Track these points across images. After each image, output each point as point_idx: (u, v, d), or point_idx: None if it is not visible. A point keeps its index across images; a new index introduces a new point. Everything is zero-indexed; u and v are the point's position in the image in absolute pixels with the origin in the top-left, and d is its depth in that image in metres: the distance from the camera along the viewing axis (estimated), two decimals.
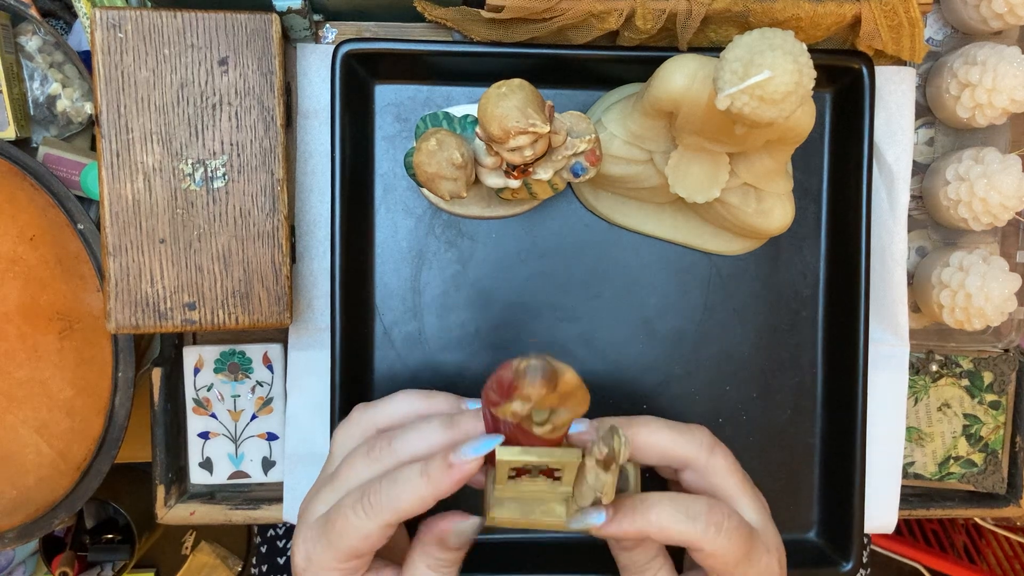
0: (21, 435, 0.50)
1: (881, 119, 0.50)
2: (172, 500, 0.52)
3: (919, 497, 0.56)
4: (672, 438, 0.39)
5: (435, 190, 0.41)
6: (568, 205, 0.50)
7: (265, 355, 0.52)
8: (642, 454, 0.39)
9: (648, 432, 0.38)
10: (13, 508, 0.51)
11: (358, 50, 0.46)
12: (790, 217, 0.46)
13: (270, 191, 0.44)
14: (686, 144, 0.43)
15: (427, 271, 0.50)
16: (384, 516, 0.35)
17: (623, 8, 0.44)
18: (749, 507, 0.39)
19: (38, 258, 0.49)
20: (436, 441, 0.37)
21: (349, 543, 0.35)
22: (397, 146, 0.49)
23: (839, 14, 0.44)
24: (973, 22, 0.50)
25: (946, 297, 0.49)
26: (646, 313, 0.50)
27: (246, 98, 0.43)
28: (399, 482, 0.35)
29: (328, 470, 0.40)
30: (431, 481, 0.34)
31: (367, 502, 0.35)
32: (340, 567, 0.36)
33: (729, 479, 0.39)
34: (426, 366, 0.50)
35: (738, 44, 0.35)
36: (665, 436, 0.39)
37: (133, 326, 0.43)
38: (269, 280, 0.44)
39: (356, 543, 0.35)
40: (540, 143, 0.40)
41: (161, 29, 0.42)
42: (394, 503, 0.35)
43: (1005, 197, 0.48)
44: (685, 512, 0.36)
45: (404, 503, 0.34)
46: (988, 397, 0.55)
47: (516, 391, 0.30)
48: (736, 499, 0.39)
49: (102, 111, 0.42)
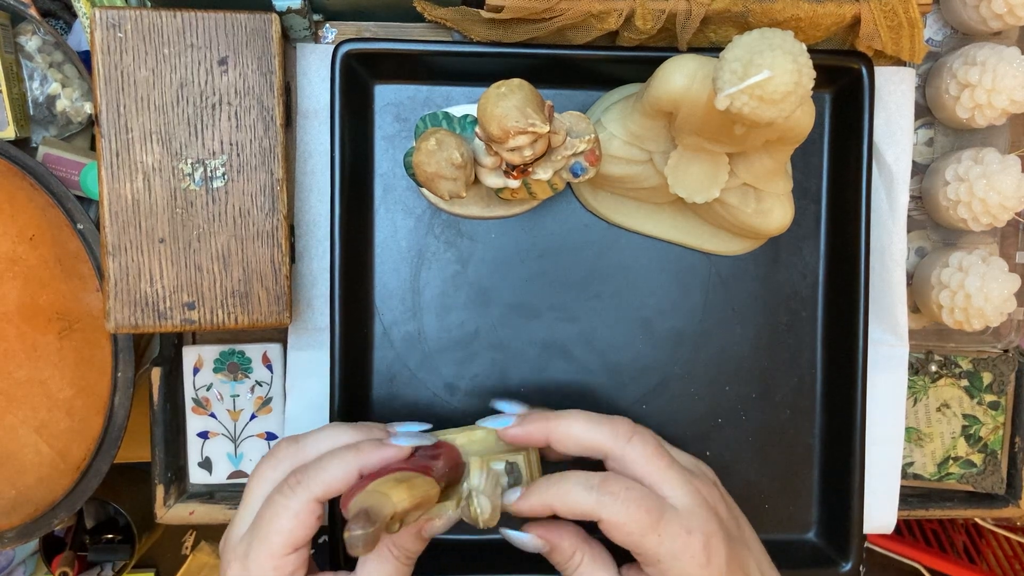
0: (21, 435, 0.50)
1: (881, 119, 0.50)
2: (171, 500, 0.52)
3: (918, 497, 0.56)
4: (587, 428, 0.39)
5: (434, 190, 0.41)
6: (568, 205, 0.50)
7: (264, 355, 0.52)
8: (562, 446, 0.40)
9: (567, 425, 0.40)
10: (13, 508, 0.51)
11: (358, 50, 0.46)
12: (789, 217, 0.46)
13: (270, 191, 0.44)
14: (685, 144, 0.43)
15: (426, 271, 0.50)
16: (312, 490, 0.36)
17: (623, 8, 0.44)
18: (674, 490, 0.38)
19: (38, 258, 0.49)
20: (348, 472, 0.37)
21: (280, 526, 0.35)
22: (397, 146, 0.49)
23: (839, 14, 0.44)
24: (973, 22, 0.50)
25: (945, 297, 0.49)
26: (645, 313, 0.50)
27: (246, 98, 0.43)
28: (325, 459, 0.37)
29: (247, 507, 0.38)
30: (359, 455, 0.37)
31: (293, 482, 0.36)
32: (278, 563, 0.36)
33: (648, 465, 0.39)
34: (425, 366, 0.50)
35: (737, 44, 0.35)
36: (581, 427, 0.39)
37: (132, 326, 0.43)
38: (268, 280, 0.44)
39: (288, 525, 0.35)
40: (539, 143, 0.40)
41: (161, 29, 0.42)
42: (322, 475, 0.36)
43: (1004, 197, 0.48)
44: (584, 484, 0.37)
45: (333, 476, 0.36)
46: (987, 397, 0.55)
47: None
48: (659, 484, 0.38)
49: (102, 111, 0.42)
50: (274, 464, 0.38)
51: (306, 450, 0.39)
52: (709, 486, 0.41)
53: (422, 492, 0.35)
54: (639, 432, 0.40)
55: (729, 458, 0.51)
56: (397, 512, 0.34)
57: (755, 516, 0.51)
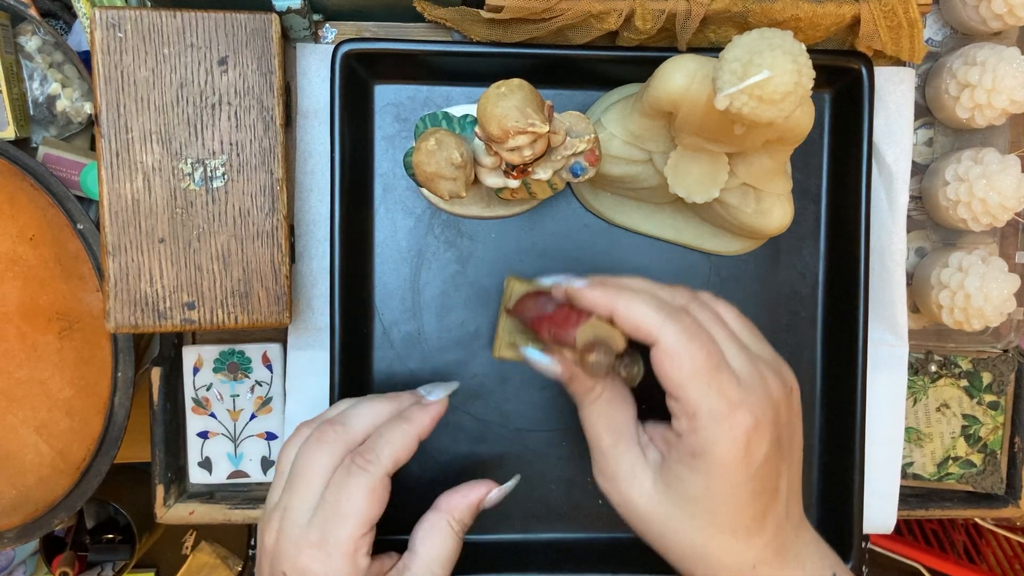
0: (21, 435, 0.50)
1: (880, 119, 0.50)
2: (171, 500, 0.52)
3: (918, 497, 0.56)
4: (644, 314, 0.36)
5: (434, 190, 0.41)
6: (567, 205, 0.50)
7: (264, 355, 0.52)
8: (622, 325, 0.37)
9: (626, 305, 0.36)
10: (13, 508, 0.51)
11: (358, 50, 0.46)
12: (789, 217, 0.46)
13: (269, 191, 0.44)
14: (685, 144, 0.43)
15: (426, 271, 0.50)
16: (385, 464, 0.36)
17: (622, 8, 0.44)
18: (736, 360, 0.36)
19: (38, 258, 0.49)
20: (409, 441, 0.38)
21: (358, 506, 0.36)
22: (397, 146, 0.49)
23: (838, 15, 0.44)
24: (972, 23, 0.50)
25: (945, 297, 0.49)
26: None
27: (245, 98, 0.43)
28: (385, 434, 0.37)
29: (303, 495, 0.37)
30: (412, 423, 0.38)
31: (362, 461, 0.36)
32: (358, 543, 0.36)
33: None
34: (425, 366, 0.50)
35: (737, 44, 0.35)
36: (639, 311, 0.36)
37: (132, 325, 0.43)
38: (268, 280, 0.44)
39: (364, 504, 0.36)
40: (539, 143, 0.40)
41: (161, 29, 0.42)
42: (389, 449, 0.37)
43: (1004, 197, 0.48)
44: (655, 301, 0.36)
45: (398, 447, 0.37)
46: (987, 398, 0.55)
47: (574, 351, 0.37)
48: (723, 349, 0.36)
49: (102, 111, 0.42)
50: (326, 448, 0.37)
51: (354, 429, 0.38)
52: (779, 382, 0.37)
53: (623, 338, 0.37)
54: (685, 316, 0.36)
55: None
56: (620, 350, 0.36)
57: None
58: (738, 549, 0.36)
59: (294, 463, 0.38)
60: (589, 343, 0.36)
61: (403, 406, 0.40)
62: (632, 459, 0.38)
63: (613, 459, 0.38)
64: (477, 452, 0.50)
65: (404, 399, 0.40)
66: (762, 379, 0.36)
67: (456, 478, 0.49)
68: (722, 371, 0.35)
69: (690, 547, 0.37)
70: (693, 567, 0.37)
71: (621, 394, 0.39)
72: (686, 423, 0.35)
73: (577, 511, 0.50)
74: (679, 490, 0.36)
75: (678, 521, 0.36)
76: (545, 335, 0.39)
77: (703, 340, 0.35)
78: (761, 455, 0.35)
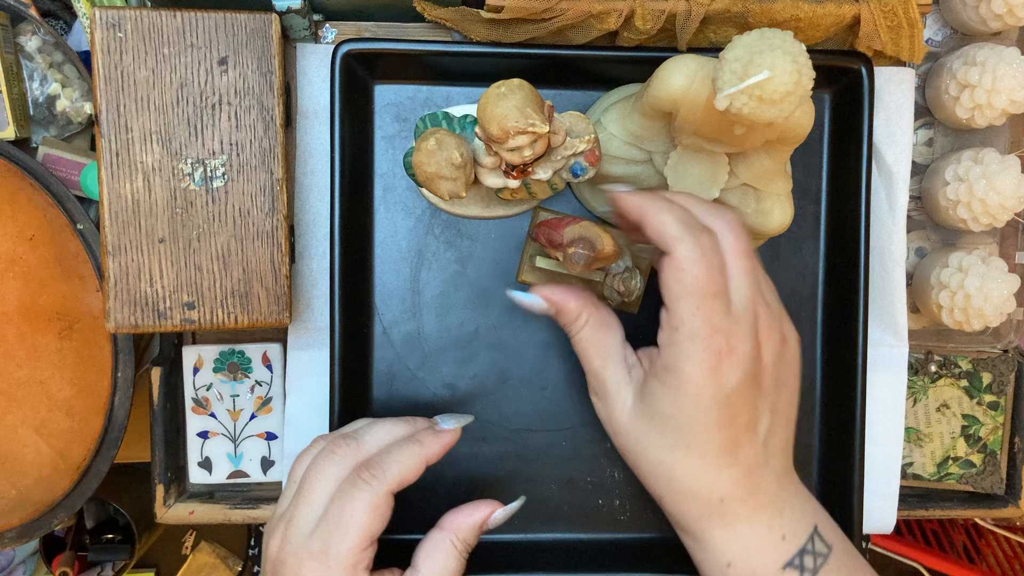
0: (20, 435, 0.50)
1: (880, 120, 0.50)
2: (171, 500, 0.52)
3: (918, 498, 0.56)
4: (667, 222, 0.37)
5: (434, 190, 0.41)
6: (568, 205, 0.50)
7: (264, 355, 0.52)
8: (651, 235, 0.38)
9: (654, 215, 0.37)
10: (13, 508, 0.51)
11: (357, 50, 0.46)
12: (789, 217, 0.46)
13: (269, 191, 0.44)
14: (685, 144, 0.43)
15: (426, 271, 0.50)
16: (389, 482, 0.37)
17: (622, 8, 0.44)
18: (738, 291, 0.37)
19: (38, 258, 0.49)
20: (417, 462, 0.38)
21: (360, 520, 0.36)
22: (396, 146, 0.49)
23: (838, 15, 0.44)
24: (972, 23, 0.50)
25: (945, 298, 0.49)
26: (645, 313, 0.50)
27: (245, 98, 0.43)
28: (393, 452, 0.37)
29: (309, 505, 0.37)
30: (423, 445, 0.38)
31: (367, 475, 0.36)
32: (358, 557, 0.36)
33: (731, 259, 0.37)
34: (425, 366, 0.50)
35: (737, 44, 0.35)
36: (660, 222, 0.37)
37: (132, 326, 0.43)
38: (268, 280, 0.44)
39: (367, 518, 0.36)
40: (539, 143, 0.40)
41: (161, 29, 0.42)
42: (396, 467, 0.37)
43: (1004, 198, 0.48)
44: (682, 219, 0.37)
45: (405, 467, 0.37)
46: (987, 398, 0.55)
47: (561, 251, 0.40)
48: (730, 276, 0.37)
49: (102, 111, 0.42)
50: (335, 461, 0.38)
51: (366, 446, 0.39)
52: (772, 327, 0.38)
53: (614, 244, 0.40)
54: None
55: None
56: (604, 251, 0.39)
57: None
58: (706, 476, 0.37)
59: (304, 474, 0.38)
60: (573, 239, 0.39)
61: (417, 429, 0.40)
62: (618, 377, 0.40)
63: (602, 378, 0.40)
64: (477, 452, 0.50)
65: (419, 423, 0.41)
66: (755, 318, 0.37)
67: (455, 478, 0.50)
68: (718, 298, 0.36)
69: (660, 464, 0.38)
70: (661, 489, 0.38)
71: (606, 320, 0.40)
72: (667, 336, 0.37)
73: (577, 511, 0.50)
74: (653, 405, 0.37)
75: (650, 437, 0.38)
76: (542, 239, 0.43)
77: (711, 264, 0.36)
78: (732, 383, 0.36)
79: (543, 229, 0.44)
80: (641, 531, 0.51)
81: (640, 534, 0.51)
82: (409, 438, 0.39)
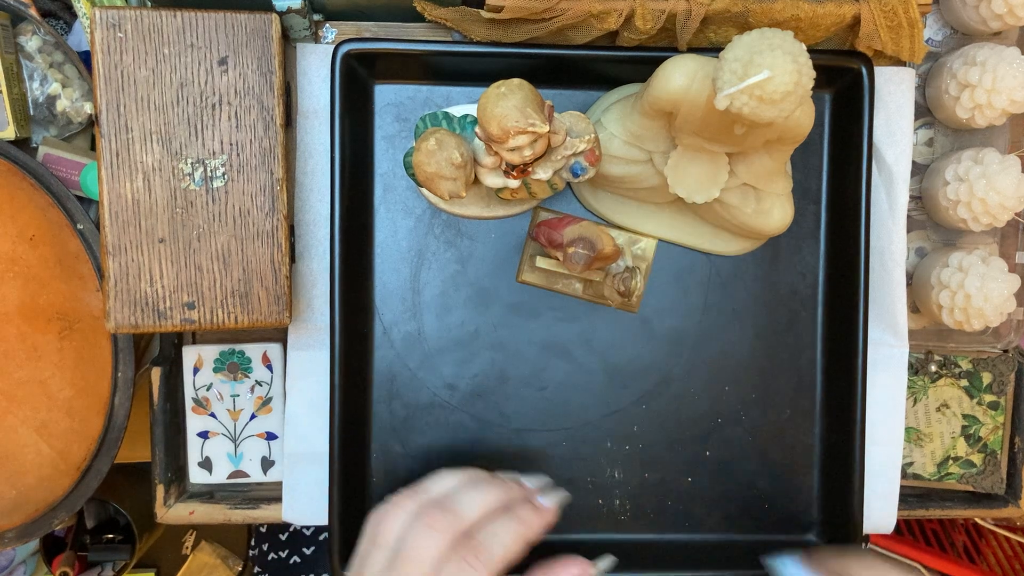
0: (21, 435, 0.50)
1: (880, 119, 0.50)
2: (171, 499, 0.52)
3: (918, 497, 0.56)
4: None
5: (434, 190, 0.41)
6: (568, 205, 0.50)
7: (264, 355, 0.52)
8: None
9: None
10: (13, 508, 0.51)
11: (358, 50, 0.46)
12: (789, 217, 0.46)
13: (269, 191, 0.44)
14: (685, 144, 0.43)
15: (426, 271, 0.50)
16: (496, 568, 0.36)
17: (622, 8, 0.44)
18: None
19: (38, 258, 0.49)
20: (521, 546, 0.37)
21: None
22: (397, 146, 0.49)
23: (838, 15, 0.44)
24: (973, 23, 0.50)
25: (945, 298, 0.49)
26: (645, 313, 0.50)
27: (246, 98, 0.43)
28: (499, 534, 0.37)
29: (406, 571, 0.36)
30: (526, 525, 0.37)
31: (474, 561, 0.35)
32: None
33: None
34: (425, 366, 0.50)
35: (737, 44, 0.35)
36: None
37: (132, 325, 0.43)
38: (268, 280, 0.44)
39: None
40: (539, 143, 0.40)
41: (161, 29, 0.42)
42: (501, 551, 0.36)
43: (1004, 198, 0.48)
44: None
45: (510, 552, 0.36)
46: (987, 398, 0.55)
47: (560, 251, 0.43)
48: None
49: (102, 111, 0.42)
50: (436, 537, 0.36)
51: (465, 518, 0.37)
52: None
53: (614, 244, 0.43)
54: None
55: (729, 458, 0.51)
56: (604, 251, 0.42)
57: (755, 516, 0.51)
58: None
59: (402, 542, 0.37)
60: (573, 239, 0.42)
61: (511, 496, 0.39)
62: None
63: None
64: (477, 452, 0.50)
65: (512, 489, 0.39)
66: None
67: None
68: None
69: None
70: None
71: None
72: None
73: (577, 511, 0.50)
74: None
75: None
76: (542, 239, 0.45)
77: None
78: None
79: (543, 229, 0.44)
80: (641, 531, 0.51)
81: (640, 534, 0.51)
82: (511, 515, 0.38)
